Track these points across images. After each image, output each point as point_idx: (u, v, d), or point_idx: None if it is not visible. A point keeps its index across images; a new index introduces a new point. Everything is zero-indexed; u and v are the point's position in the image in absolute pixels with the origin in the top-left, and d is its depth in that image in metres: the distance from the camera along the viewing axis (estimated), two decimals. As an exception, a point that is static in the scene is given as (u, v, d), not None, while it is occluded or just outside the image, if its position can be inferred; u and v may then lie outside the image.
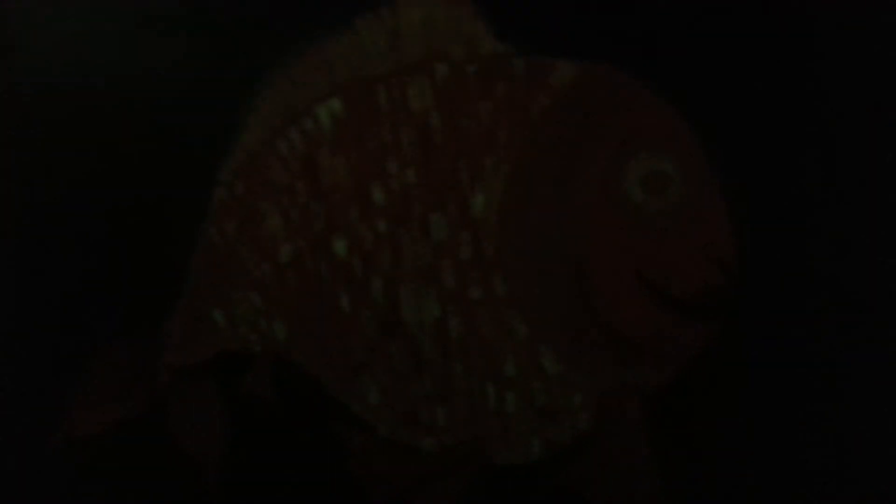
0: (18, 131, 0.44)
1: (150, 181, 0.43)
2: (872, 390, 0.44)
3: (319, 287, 0.40)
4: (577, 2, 0.45)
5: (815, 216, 0.45)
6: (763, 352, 0.44)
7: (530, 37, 0.40)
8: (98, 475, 0.43)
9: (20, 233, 0.44)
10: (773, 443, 0.44)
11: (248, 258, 0.40)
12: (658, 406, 0.39)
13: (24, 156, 0.44)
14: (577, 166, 0.39)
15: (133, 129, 0.43)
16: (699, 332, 0.39)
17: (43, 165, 0.44)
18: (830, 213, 0.45)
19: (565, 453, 0.40)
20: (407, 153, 0.40)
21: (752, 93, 0.45)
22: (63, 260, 0.44)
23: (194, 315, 0.41)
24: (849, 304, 0.44)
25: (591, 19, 0.45)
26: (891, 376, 0.44)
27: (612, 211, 0.39)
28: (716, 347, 0.39)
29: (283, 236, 0.40)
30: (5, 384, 0.44)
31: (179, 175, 0.43)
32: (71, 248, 0.44)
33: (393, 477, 0.40)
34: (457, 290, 0.39)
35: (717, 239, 0.38)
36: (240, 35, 0.44)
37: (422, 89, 0.40)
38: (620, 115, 0.39)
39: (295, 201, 0.40)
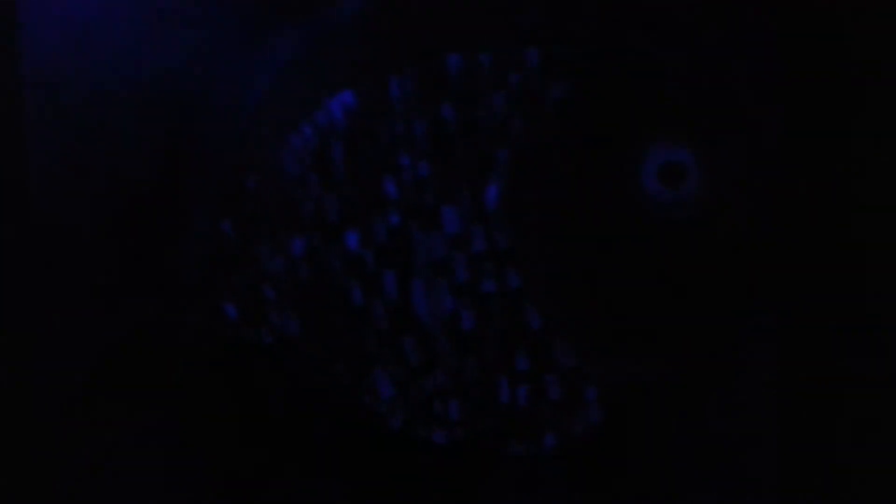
0: (26, 124, 0.44)
1: (161, 175, 0.43)
2: (876, 390, 0.43)
3: (332, 280, 0.40)
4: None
5: (834, 210, 0.44)
6: (776, 347, 0.43)
7: (544, 26, 0.40)
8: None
9: (31, 226, 0.44)
10: (778, 442, 0.43)
11: (261, 252, 0.41)
12: (671, 400, 0.39)
13: (32, 150, 0.44)
14: (592, 157, 0.39)
15: (144, 123, 0.44)
16: (715, 325, 0.38)
17: (51, 159, 0.44)
18: (849, 208, 0.44)
19: (578, 446, 0.40)
20: (420, 146, 0.40)
21: (771, 82, 0.44)
22: (75, 254, 0.44)
23: (207, 308, 0.41)
24: (866, 302, 0.43)
25: (607, 8, 0.45)
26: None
27: (628, 202, 0.38)
28: (731, 341, 0.39)
29: (295, 230, 0.40)
30: (11, 382, 0.44)
31: (192, 169, 0.44)
32: (82, 241, 0.44)
33: (405, 471, 0.40)
34: (470, 283, 0.39)
35: (735, 231, 0.38)
36: (250, 29, 0.44)
37: (435, 81, 0.40)
38: (636, 105, 0.39)
39: (308, 194, 0.40)
